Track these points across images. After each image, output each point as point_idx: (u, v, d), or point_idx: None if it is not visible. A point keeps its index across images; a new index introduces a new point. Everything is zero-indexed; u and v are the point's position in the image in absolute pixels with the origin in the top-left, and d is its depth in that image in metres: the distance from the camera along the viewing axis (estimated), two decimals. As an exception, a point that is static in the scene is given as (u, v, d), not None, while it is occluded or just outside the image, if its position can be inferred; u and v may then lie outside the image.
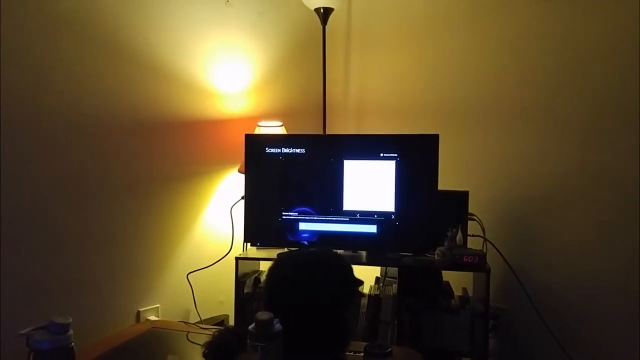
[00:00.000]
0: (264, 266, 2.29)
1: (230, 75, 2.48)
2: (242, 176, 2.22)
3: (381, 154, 2.05)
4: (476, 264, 1.98)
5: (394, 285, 2.15)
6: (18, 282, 1.80)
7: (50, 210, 1.89)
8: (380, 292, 2.10)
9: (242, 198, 2.19)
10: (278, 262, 1.48)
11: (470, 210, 2.08)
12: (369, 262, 2.09)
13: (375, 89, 2.74)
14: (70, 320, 1.10)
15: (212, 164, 2.44)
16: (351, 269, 1.44)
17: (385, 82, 2.71)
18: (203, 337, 1.63)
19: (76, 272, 1.97)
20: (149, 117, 2.18)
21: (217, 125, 2.44)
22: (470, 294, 2.13)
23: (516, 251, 2.19)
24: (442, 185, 2.02)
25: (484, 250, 2.06)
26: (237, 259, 2.15)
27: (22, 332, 1.07)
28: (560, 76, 2.20)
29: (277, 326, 1.17)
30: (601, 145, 2.11)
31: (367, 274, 2.08)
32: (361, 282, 1.51)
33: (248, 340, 1.17)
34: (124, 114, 2.10)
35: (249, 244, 2.25)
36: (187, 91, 2.31)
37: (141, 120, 2.16)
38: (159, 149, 2.23)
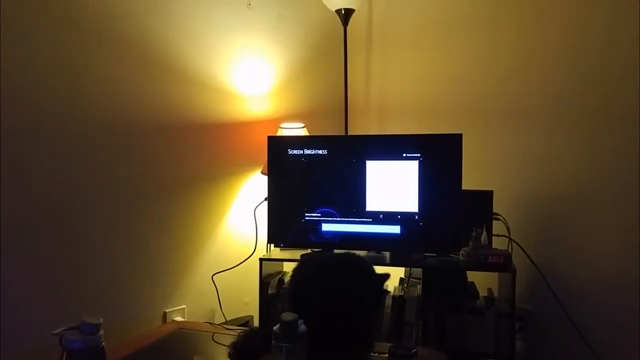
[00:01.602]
0: (288, 267, 2.30)
1: (252, 77, 2.49)
2: (265, 178, 2.24)
3: (404, 154, 2.04)
4: (501, 264, 1.96)
5: (418, 286, 2.14)
6: (45, 283, 1.84)
7: (78, 211, 1.93)
8: (404, 293, 2.09)
9: (266, 199, 2.20)
10: (302, 264, 1.49)
11: (495, 210, 2.06)
12: (393, 263, 2.08)
13: (397, 89, 2.73)
14: (101, 320, 1.12)
15: (235, 166, 2.46)
16: (374, 270, 1.44)
17: (407, 82, 2.69)
18: (228, 338, 1.65)
19: (103, 274, 2.00)
20: (173, 119, 2.21)
21: (240, 127, 2.46)
22: (496, 295, 2.11)
23: (542, 251, 2.16)
24: (466, 185, 2.00)
25: (510, 251, 2.03)
26: (261, 260, 2.17)
27: (55, 331, 1.09)
28: (585, 72, 2.16)
29: (302, 327, 1.18)
30: (629, 144, 2.06)
31: (391, 275, 2.07)
32: (387, 276, 1.51)
33: (273, 341, 1.18)
34: (149, 117, 2.13)
35: (272, 245, 2.27)
36: (210, 94, 2.33)
37: (165, 123, 2.19)
38: (183, 151, 2.26)
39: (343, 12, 2.52)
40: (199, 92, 2.29)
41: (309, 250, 2.20)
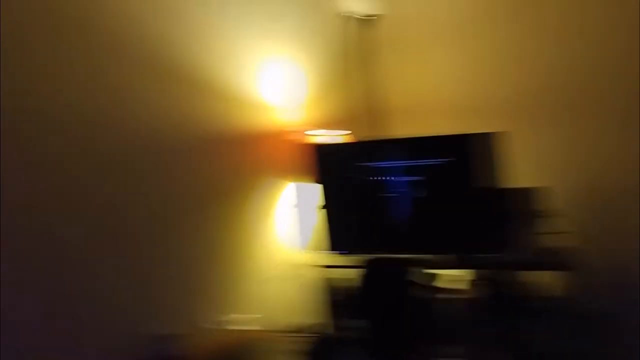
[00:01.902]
0: (347, 273, 2.28)
1: (281, 87, 2.51)
2: (318, 186, 2.24)
3: (446, 154, 2.00)
4: (562, 262, 1.91)
5: (485, 287, 2.09)
6: (102, 293, 1.85)
7: (128, 223, 1.95)
8: (471, 294, 2.05)
9: (320, 207, 2.20)
10: (366, 271, 1.49)
11: (553, 207, 2.01)
12: (458, 265, 2.05)
13: (428, 90, 2.69)
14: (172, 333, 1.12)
15: (275, 175, 2.46)
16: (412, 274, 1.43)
17: (439, 83, 2.66)
18: (284, 344, 1.65)
19: (151, 284, 2.00)
20: (204, 133, 2.23)
21: (275, 137, 2.46)
22: (561, 294, 2.05)
23: (607, 247, 2.10)
24: (524, 182, 1.96)
25: (573, 248, 1.97)
26: (311, 266, 2.18)
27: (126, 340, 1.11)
28: (624, 64, 2.10)
29: (368, 332, 1.17)
30: None
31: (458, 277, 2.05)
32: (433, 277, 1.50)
33: (341, 346, 1.17)
34: (187, 131, 2.15)
35: (322, 252, 2.26)
36: (240, 106, 2.34)
37: (197, 137, 2.20)
38: (218, 164, 2.27)
39: (366, 17, 2.52)
40: (228, 105, 2.29)
41: (367, 256, 2.18)
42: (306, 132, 2.41)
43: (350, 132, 2.40)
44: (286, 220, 2.35)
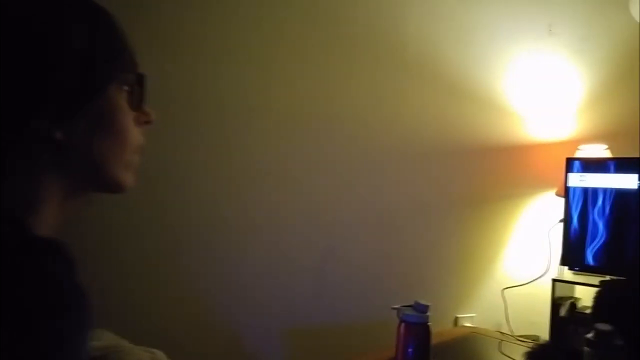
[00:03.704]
0: (580, 291, 2.26)
1: (550, 101, 2.54)
2: (560, 199, 2.26)
3: None
4: None
5: None
6: (367, 280, 2.21)
7: (394, 219, 2.27)
8: None
9: (561, 221, 2.22)
10: (605, 290, 1.50)
11: None
12: None
13: None
14: (430, 304, 1.35)
15: (529, 186, 2.53)
16: None
17: None
18: (516, 348, 1.74)
19: (408, 276, 2.29)
20: (467, 142, 2.42)
21: (535, 149, 2.53)
22: None
23: None
24: None
25: None
26: (553, 280, 2.19)
27: (395, 306, 1.37)
28: None
29: (618, 339, 1.21)
30: None
31: None
32: None
33: (586, 349, 1.24)
34: (450, 140, 2.38)
35: (566, 268, 2.26)
36: (506, 118, 2.47)
37: (463, 146, 2.41)
38: (480, 171, 2.46)
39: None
40: (495, 117, 2.45)
41: (605, 277, 2.14)
42: (576, 146, 2.42)
43: (607, 147, 2.35)
44: (548, 233, 2.40)
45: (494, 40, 2.43)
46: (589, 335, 1.25)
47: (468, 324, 2.38)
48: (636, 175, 2.03)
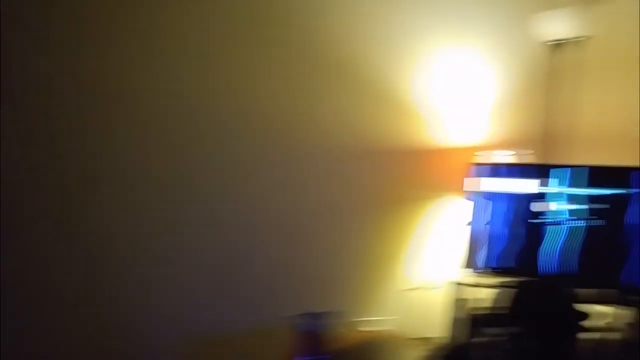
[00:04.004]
0: (481, 293, 2.29)
1: (459, 106, 2.57)
2: (465, 203, 2.28)
3: (622, 186, 1.95)
4: None
5: (623, 328, 1.98)
6: (265, 282, 2.12)
7: (299, 219, 2.20)
8: (608, 333, 1.95)
9: (466, 224, 2.24)
10: (516, 290, 1.51)
11: None
12: (599, 301, 1.96)
13: (612, 118, 2.57)
14: (329, 311, 1.29)
15: (435, 190, 2.54)
16: (578, 304, 1.41)
17: (622, 112, 2.53)
18: (418, 351, 1.72)
19: (310, 280, 2.23)
20: (381, 145, 2.40)
21: (442, 152, 2.54)
22: None
23: None
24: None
25: None
26: (455, 283, 2.20)
27: (290, 315, 1.29)
28: None
29: (511, 342, 1.21)
30: None
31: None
32: (585, 317, 1.47)
33: (482, 352, 1.22)
34: (360, 142, 2.35)
35: (468, 270, 2.28)
36: (416, 121, 2.47)
37: (374, 148, 2.38)
38: (388, 174, 2.43)
39: (553, 42, 2.48)
40: (406, 120, 2.44)
41: (506, 278, 2.17)
42: (479, 152, 2.45)
43: (532, 151, 2.40)
44: (450, 235, 2.42)
45: (410, 45, 2.42)
46: (484, 339, 1.23)
47: (370, 328, 2.34)
48: (537, 181, 2.09)
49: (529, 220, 2.10)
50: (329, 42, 2.22)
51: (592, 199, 2.00)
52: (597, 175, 2.04)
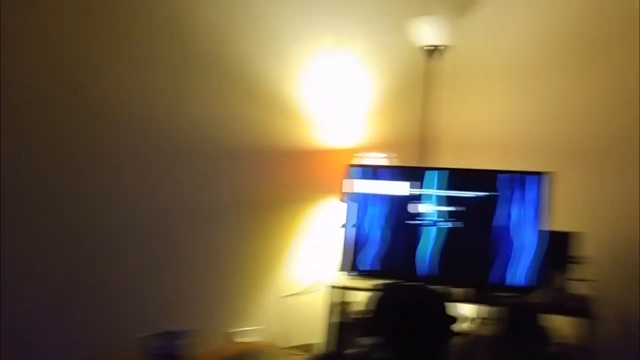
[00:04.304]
0: (356, 296, 2.28)
1: (335, 108, 2.54)
2: (342, 205, 2.24)
3: (487, 188, 2.01)
4: (584, 309, 1.87)
5: (492, 325, 2.06)
6: (136, 296, 1.92)
7: (153, 226, 2.01)
8: (478, 332, 2.02)
9: (341, 227, 2.20)
10: (385, 295, 1.47)
11: (583, 253, 1.98)
12: (469, 300, 2.02)
13: (480, 123, 2.70)
14: (182, 330, 1.15)
15: (313, 192, 2.49)
16: (447, 307, 1.41)
17: (490, 118, 2.66)
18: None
19: (178, 290, 2.06)
20: (257, 145, 2.29)
21: (320, 155, 2.50)
22: (574, 342, 2.01)
23: (629, 298, 2.04)
24: (555, 226, 1.95)
25: (593, 296, 1.93)
26: (331, 287, 2.16)
27: (141, 336, 1.13)
28: None
29: (379, 352, 1.16)
30: None
31: (465, 312, 2.02)
32: (459, 318, 1.47)
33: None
34: (235, 142, 2.22)
35: (343, 273, 2.25)
36: (294, 122, 2.40)
37: (250, 148, 2.27)
38: (264, 175, 2.33)
39: (428, 48, 2.54)
40: (284, 120, 2.37)
41: (382, 281, 2.17)
42: (357, 154, 2.43)
43: (395, 155, 2.40)
44: (328, 238, 2.36)
45: (291, 47, 2.35)
46: (354, 350, 1.17)
47: (245, 339, 2.23)
48: (409, 183, 2.11)
49: (402, 222, 2.11)
50: (209, 42, 2.09)
51: (461, 201, 2.05)
52: (466, 177, 2.10)
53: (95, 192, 1.86)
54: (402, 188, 2.11)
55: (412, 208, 2.10)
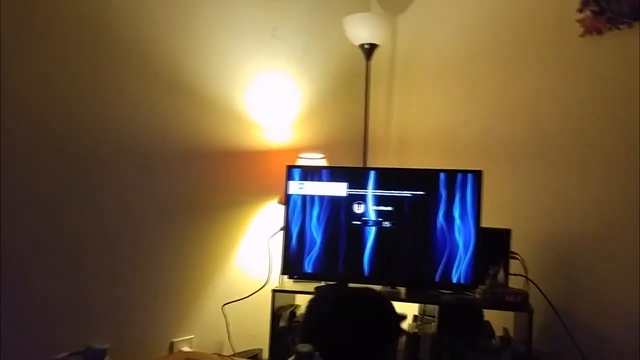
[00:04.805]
0: (300, 299, 2.27)
1: (273, 107, 2.51)
2: (281, 207, 2.22)
3: (422, 188, 2.03)
4: (518, 303, 1.92)
5: (433, 323, 2.10)
6: (50, 308, 1.82)
7: (85, 234, 1.92)
8: (419, 330, 2.05)
9: (281, 229, 2.18)
10: (317, 298, 1.46)
11: (512, 249, 2.03)
12: (408, 299, 2.05)
13: (418, 123, 2.74)
14: (108, 346, 1.09)
15: (252, 194, 2.45)
16: (392, 307, 1.41)
17: (428, 117, 2.71)
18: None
19: (108, 300, 1.97)
20: (193, 145, 2.22)
21: (258, 156, 2.46)
22: (512, 335, 2.06)
23: (560, 291, 2.11)
24: (485, 222, 1.99)
25: (526, 290, 1.99)
26: (273, 291, 2.14)
27: (59, 357, 1.06)
28: (604, 111, 2.14)
29: (318, 359, 1.14)
30: None
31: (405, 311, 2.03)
32: (404, 317, 1.47)
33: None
34: (170, 142, 2.14)
35: (286, 277, 2.23)
36: (231, 122, 2.35)
37: (186, 148, 2.20)
38: (201, 177, 2.26)
39: (366, 46, 2.55)
40: (220, 119, 2.30)
41: (322, 283, 2.17)
42: (300, 155, 2.40)
43: (323, 156, 2.40)
44: (268, 242, 2.32)
45: (218, 40, 2.29)
46: (290, 359, 1.15)
47: (186, 348, 2.17)
48: (346, 184, 2.11)
49: (343, 224, 2.11)
50: (131, 35, 2.01)
51: (398, 200, 2.06)
52: (402, 177, 2.11)
53: (23, 194, 1.75)
54: (341, 189, 2.11)
55: (352, 209, 2.10)
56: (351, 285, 1.99)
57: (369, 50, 2.56)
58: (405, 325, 2.06)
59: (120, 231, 2.00)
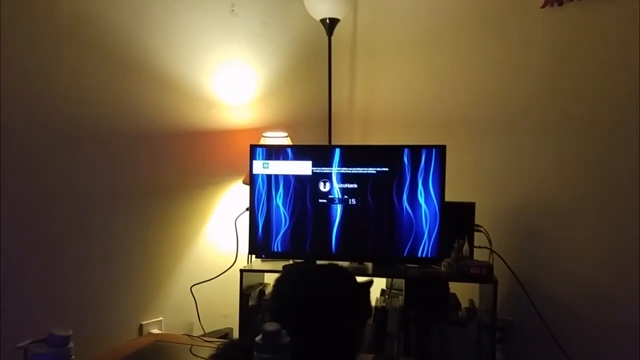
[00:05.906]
0: (269, 278, 2.27)
1: (235, 85, 2.47)
2: (247, 187, 2.21)
3: (386, 164, 2.04)
4: (483, 275, 1.96)
5: (400, 297, 2.13)
6: (16, 293, 1.78)
7: (54, 218, 1.89)
8: (386, 304, 2.08)
9: (247, 209, 2.17)
10: (284, 276, 1.46)
11: (477, 222, 2.07)
12: (375, 274, 2.07)
13: (382, 99, 2.74)
14: (71, 332, 1.08)
15: (217, 175, 2.43)
16: (357, 283, 1.42)
17: (391, 92, 2.71)
18: (207, 350, 1.62)
19: (76, 284, 1.95)
20: (154, 127, 2.18)
21: (221, 135, 2.43)
22: (477, 306, 2.11)
23: (523, 263, 2.16)
24: (448, 197, 2.01)
25: (491, 262, 2.04)
26: (241, 271, 2.14)
27: (20, 344, 1.04)
28: (571, 84, 2.15)
29: (286, 338, 1.15)
30: (613, 158, 2.03)
31: (374, 282, 2.05)
32: (370, 283, 1.49)
33: (255, 353, 1.15)
34: (130, 123, 2.10)
35: (253, 256, 2.23)
36: (192, 102, 2.31)
37: (147, 130, 2.16)
38: (164, 159, 2.23)
39: (328, 21, 2.53)
40: (180, 99, 2.26)
41: (290, 262, 2.17)
42: (264, 134, 2.37)
43: (287, 135, 2.38)
44: (235, 222, 2.30)
45: (176, 17, 2.23)
46: (258, 338, 1.16)
47: (155, 330, 2.16)
48: (310, 162, 2.10)
49: (309, 202, 2.11)
50: (85, 12, 1.94)
51: (362, 177, 2.07)
52: (366, 154, 2.11)
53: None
54: (306, 167, 2.10)
55: (318, 187, 2.10)
56: (318, 262, 2.00)
57: (331, 25, 2.54)
58: (372, 298, 2.10)
59: (83, 215, 1.97)
